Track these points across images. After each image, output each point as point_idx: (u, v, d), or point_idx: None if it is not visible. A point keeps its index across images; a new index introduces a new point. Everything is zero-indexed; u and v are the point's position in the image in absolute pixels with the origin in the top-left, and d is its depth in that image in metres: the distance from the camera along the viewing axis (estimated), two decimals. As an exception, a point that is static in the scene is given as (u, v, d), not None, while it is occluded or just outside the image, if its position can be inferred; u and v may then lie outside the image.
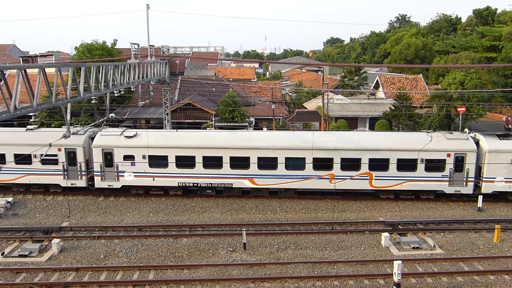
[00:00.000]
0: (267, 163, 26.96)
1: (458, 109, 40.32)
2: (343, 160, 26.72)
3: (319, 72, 71.05)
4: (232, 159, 26.94)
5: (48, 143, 24.59)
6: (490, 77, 60.31)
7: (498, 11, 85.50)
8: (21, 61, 68.80)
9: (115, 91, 23.80)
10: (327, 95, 45.38)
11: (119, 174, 27.28)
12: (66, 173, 27.76)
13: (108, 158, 27.35)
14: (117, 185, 27.72)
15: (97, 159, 27.35)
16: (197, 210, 26.33)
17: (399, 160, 26.71)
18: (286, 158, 26.84)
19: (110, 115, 24.99)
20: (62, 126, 31.11)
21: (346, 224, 24.35)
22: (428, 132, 28.78)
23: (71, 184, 27.98)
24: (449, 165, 26.66)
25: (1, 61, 76.97)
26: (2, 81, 13.30)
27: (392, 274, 17.46)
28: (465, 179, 26.76)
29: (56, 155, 27.56)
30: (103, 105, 39.08)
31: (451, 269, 19.36)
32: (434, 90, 47.96)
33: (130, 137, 27.33)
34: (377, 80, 59.58)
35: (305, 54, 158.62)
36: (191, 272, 19.02)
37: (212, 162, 27.11)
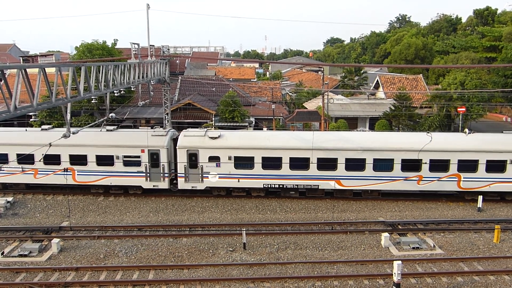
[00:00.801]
0: (355, 164, 26.69)
1: (458, 109, 40.37)
2: (432, 162, 26.53)
3: (319, 72, 71.05)
4: (320, 160, 26.63)
5: (134, 144, 25.56)
6: (490, 77, 60.32)
7: (498, 11, 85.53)
8: (21, 60, 68.76)
9: (115, 91, 23.76)
10: (327, 95, 45.39)
11: (204, 175, 27.06)
12: (148, 174, 27.52)
13: (192, 159, 27.01)
14: (201, 186, 27.40)
15: (182, 160, 27.02)
16: (197, 210, 26.33)
17: (488, 161, 26.48)
18: (375, 160, 26.57)
19: (110, 115, 24.88)
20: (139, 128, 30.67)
21: (346, 224, 24.35)
22: None
23: (153, 186, 27.74)
24: None
25: (1, 60, 77.00)
26: (2, 81, 13.29)
27: (392, 274, 17.46)
28: None
29: (139, 157, 27.29)
30: (103, 105, 39.07)
31: (451, 269, 19.35)
32: (434, 90, 47.99)
33: (215, 138, 27.09)
34: (377, 80, 59.59)
35: (305, 54, 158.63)
36: (191, 272, 19.02)
37: (299, 163, 26.77)
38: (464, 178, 26.73)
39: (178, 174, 27.36)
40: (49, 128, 29.37)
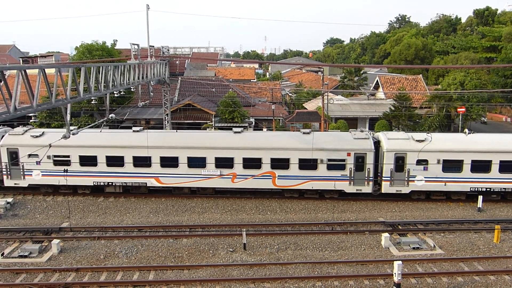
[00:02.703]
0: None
1: (458, 109, 40.39)
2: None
3: (319, 73, 71.09)
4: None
5: (340, 147, 25.83)
6: (490, 78, 60.35)
7: (498, 12, 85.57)
8: (21, 61, 68.76)
9: (115, 92, 23.78)
10: (327, 95, 45.40)
11: (410, 179, 26.71)
12: (352, 178, 26.86)
13: (399, 162, 26.66)
14: (406, 190, 27.00)
15: (388, 163, 26.63)
16: (197, 211, 26.32)
17: None
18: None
19: (110, 115, 24.89)
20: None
21: (346, 224, 24.34)
22: None
23: (357, 190, 27.14)
24: None
25: (1, 61, 76.93)
26: (2, 82, 13.30)
27: (392, 275, 17.46)
28: None
29: (344, 160, 26.68)
30: (103, 106, 39.05)
31: (451, 269, 19.35)
32: (434, 91, 48.00)
33: (422, 141, 26.69)
34: (377, 80, 59.58)
35: (305, 54, 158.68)
36: (191, 273, 19.01)
37: None
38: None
39: (383, 178, 26.92)
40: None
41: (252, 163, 26.87)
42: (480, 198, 26.30)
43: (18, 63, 68.30)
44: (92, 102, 30.90)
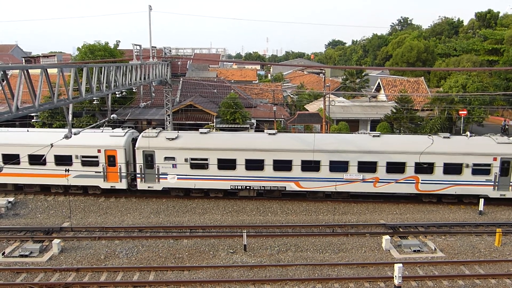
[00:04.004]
0: None
1: (460, 112, 40.33)
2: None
3: (320, 74, 71.03)
4: None
5: (485, 151, 25.46)
6: (492, 80, 60.27)
7: (500, 14, 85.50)
8: (24, 61, 68.94)
9: (116, 92, 23.80)
10: (329, 97, 45.40)
11: None
12: (497, 183, 26.66)
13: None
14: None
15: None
16: (197, 212, 26.32)
17: None
18: None
19: (112, 116, 24.91)
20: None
21: (347, 226, 24.31)
22: None
23: (500, 195, 26.92)
24: None
25: (3, 61, 77.08)
26: (5, 81, 13.32)
27: (393, 277, 17.41)
28: None
29: (489, 165, 26.36)
30: (105, 106, 39.02)
31: (452, 272, 19.31)
32: (436, 93, 47.94)
33: None
34: (379, 82, 59.54)
35: (306, 56, 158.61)
36: (191, 274, 19.00)
37: None
38: None
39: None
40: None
41: (395, 167, 26.65)
42: (482, 201, 26.24)
43: (21, 63, 68.49)
44: (94, 103, 30.85)
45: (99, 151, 27.34)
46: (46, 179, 27.83)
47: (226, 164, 26.93)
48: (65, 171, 26.27)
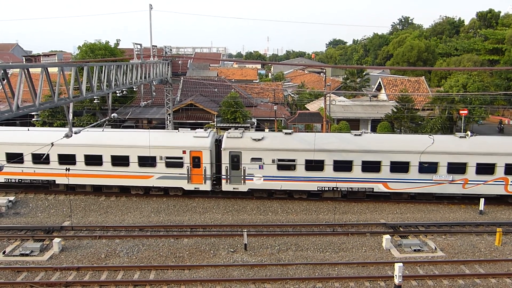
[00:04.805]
0: None
1: (460, 111, 40.30)
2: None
3: (321, 74, 70.97)
4: None
5: None
6: (493, 80, 60.25)
7: (502, 14, 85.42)
8: (24, 60, 68.99)
9: (117, 91, 23.79)
10: (329, 96, 45.38)
11: None
12: None
13: None
14: None
15: None
16: (198, 211, 26.33)
17: None
18: None
19: (112, 115, 24.85)
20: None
21: (347, 226, 24.31)
22: None
23: None
24: None
25: (4, 60, 77.16)
26: (5, 80, 13.32)
27: (393, 277, 17.41)
28: None
29: None
30: (105, 105, 39.09)
31: (452, 271, 19.31)
32: (436, 93, 47.91)
33: None
34: (380, 82, 59.51)
35: (307, 55, 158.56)
36: (192, 273, 19.01)
37: None
38: None
39: None
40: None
41: (485, 168, 26.49)
42: (482, 200, 26.24)
43: (21, 62, 68.56)
44: (95, 102, 30.94)
45: (184, 152, 27.10)
46: (128, 180, 27.59)
47: (314, 165, 26.76)
48: (147, 173, 26.59)
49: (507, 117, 58.27)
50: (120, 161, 27.19)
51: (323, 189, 27.31)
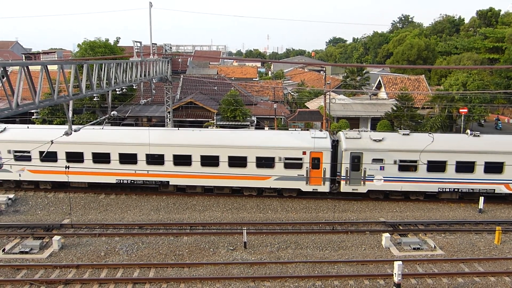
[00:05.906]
0: None
1: (460, 110, 40.32)
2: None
3: (321, 72, 70.98)
4: None
5: None
6: (493, 79, 60.24)
7: (502, 13, 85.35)
8: (24, 58, 68.93)
9: (117, 89, 23.78)
10: (329, 95, 45.35)
11: None
12: None
13: None
14: None
15: None
16: (198, 209, 26.34)
17: None
18: None
19: (112, 113, 24.83)
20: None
21: (347, 224, 24.33)
22: None
23: None
24: None
25: (3, 57, 77.01)
26: (5, 78, 13.30)
27: (393, 275, 17.45)
28: None
29: None
30: (105, 103, 39.00)
31: (451, 270, 19.34)
32: (436, 91, 47.92)
33: None
34: (379, 80, 59.51)
35: (307, 53, 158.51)
36: (191, 271, 19.04)
37: None
38: None
39: None
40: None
41: None
42: (482, 199, 26.26)
43: (21, 59, 68.43)
44: (94, 99, 30.85)
45: (304, 153, 26.74)
46: (244, 181, 27.33)
47: (436, 165, 26.52)
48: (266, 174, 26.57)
49: (507, 115, 58.29)
50: (237, 161, 26.79)
51: (444, 190, 27.10)
